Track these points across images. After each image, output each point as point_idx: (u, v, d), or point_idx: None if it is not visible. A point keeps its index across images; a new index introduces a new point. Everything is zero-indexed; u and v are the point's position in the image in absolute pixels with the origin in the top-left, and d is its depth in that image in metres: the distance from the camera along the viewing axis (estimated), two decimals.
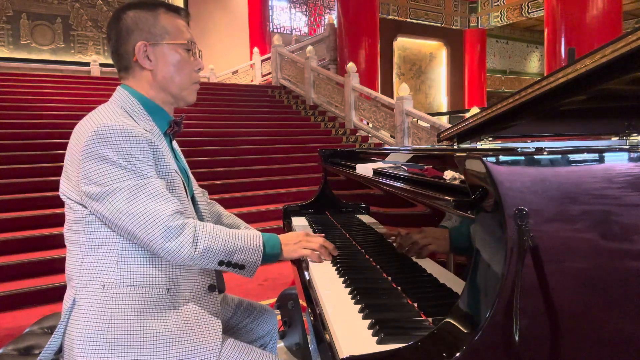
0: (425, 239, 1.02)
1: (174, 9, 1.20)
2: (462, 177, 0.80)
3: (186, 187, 1.17)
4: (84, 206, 1.05)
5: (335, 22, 9.84)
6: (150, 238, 1.00)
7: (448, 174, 0.94)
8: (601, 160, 0.73)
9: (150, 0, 1.18)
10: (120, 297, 1.04)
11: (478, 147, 1.62)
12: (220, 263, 1.07)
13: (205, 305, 1.14)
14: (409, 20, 13.57)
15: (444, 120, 10.79)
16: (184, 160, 1.30)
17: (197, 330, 1.09)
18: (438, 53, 14.64)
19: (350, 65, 7.99)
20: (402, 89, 7.27)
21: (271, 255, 1.15)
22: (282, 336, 1.70)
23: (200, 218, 1.27)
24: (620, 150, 0.75)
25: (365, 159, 1.90)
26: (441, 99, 14.82)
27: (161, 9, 1.17)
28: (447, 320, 0.72)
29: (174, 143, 1.29)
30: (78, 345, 1.02)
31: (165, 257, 1.03)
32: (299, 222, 1.97)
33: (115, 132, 1.02)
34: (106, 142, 1.01)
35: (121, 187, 1.00)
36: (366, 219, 1.56)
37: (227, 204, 4.94)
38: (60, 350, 1.09)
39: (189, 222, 1.04)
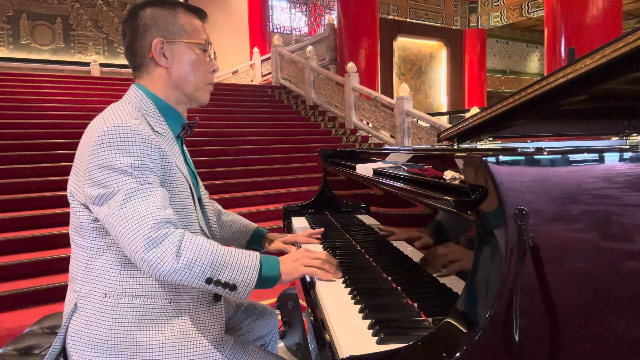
0: (425, 240, 1.02)
1: (193, 10, 1.18)
2: (462, 177, 0.80)
3: (193, 191, 1.15)
4: (88, 209, 1.03)
5: (335, 22, 9.83)
6: (132, 246, 0.93)
7: (448, 174, 0.94)
8: (601, 160, 0.73)
9: None
10: (121, 307, 1.02)
11: (478, 147, 1.62)
12: (208, 281, 0.96)
13: (209, 315, 1.11)
14: (409, 20, 13.57)
15: (444, 120, 10.79)
16: (192, 163, 1.28)
17: (199, 339, 1.07)
18: (438, 53, 14.64)
19: (350, 65, 7.98)
20: (402, 89, 7.26)
21: (268, 278, 1.03)
22: (282, 336, 1.70)
23: (207, 221, 1.25)
24: (620, 150, 0.75)
25: (365, 159, 1.90)
26: (441, 99, 14.82)
27: (180, 8, 1.16)
28: (447, 320, 0.72)
29: (184, 146, 1.26)
30: (77, 350, 1.02)
31: (147, 270, 0.94)
32: (299, 222, 1.97)
33: (125, 134, 0.99)
34: (115, 144, 0.98)
35: (119, 190, 0.96)
36: (366, 219, 1.56)
37: (227, 204, 4.94)
38: (62, 352, 1.09)
39: (175, 232, 0.96)
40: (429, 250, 1.00)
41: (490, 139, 1.58)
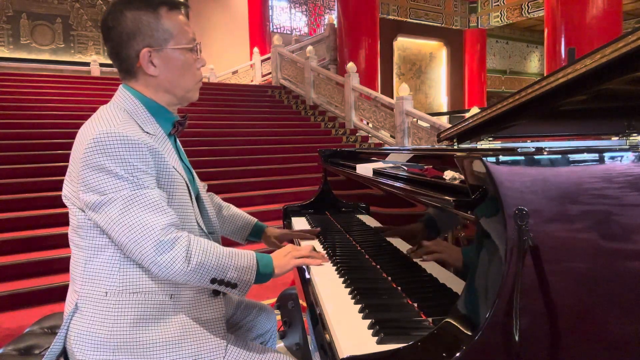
0: (425, 240, 1.02)
1: (175, 5, 1.12)
2: (462, 177, 0.80)
3: (190, 188, 1.16)
4: (84, 212, 1.04)
5: (335, 22, 9.83)
6: (142, 251, 0.97)
7: (448, 174, 0.94)
8: (601, 160, 0.73)
9: None
10: (122, 304, 1.03)
11: (478, 147, 1.62)
12: (213, 281, 1.04)
13: (209, 310, 1.12)
14: (409, 20, 13.56)
15: (444, 120, 10.79)
16: (186, 159, 1.28)
17: (201, 334, 1.08)
18: (438, 53, 14.63)
19: (350, 65, 7.98)
20: (402, 89, 7.26)
21: (264, 275, 1.11)
22: (282, 336, 1.70)
23: (206, 218, 1.25)
24: (620, 150, 0.75)
25: (365, 159, 1.90)
26: (441, 99, 14.81)
27: (162, 8, 1.10)
28: (447, 320, 0.72)
29: (178, 142, 1.26)
30: (80, 351, 1.02)
31: (157, 273, 0.99)
32: (299, 222, 1.97)
33: (115, 140, 0.99)
34: (105, 150, 0.98)
35: (117, 197, 0.98)
36: (366, 219, 1.56)
37: None
38: (62, 353, 1.09)
39: (182, 236, 1.00)
40: (429, 250, 1.00)
41: (490, 139, 1.58)
